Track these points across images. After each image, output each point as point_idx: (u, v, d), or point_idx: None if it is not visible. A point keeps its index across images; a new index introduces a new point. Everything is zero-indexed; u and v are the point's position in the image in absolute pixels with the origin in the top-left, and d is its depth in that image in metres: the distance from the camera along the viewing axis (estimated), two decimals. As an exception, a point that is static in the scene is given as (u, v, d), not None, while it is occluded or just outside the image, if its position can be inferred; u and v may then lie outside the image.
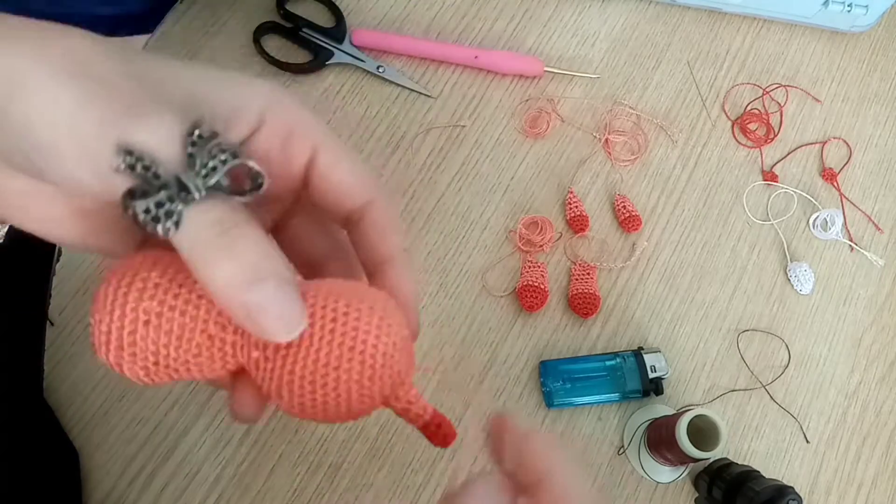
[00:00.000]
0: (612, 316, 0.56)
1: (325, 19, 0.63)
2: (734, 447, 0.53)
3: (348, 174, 0.26)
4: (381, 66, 0.62)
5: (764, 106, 0.64)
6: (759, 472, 0.47)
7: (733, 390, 0.55)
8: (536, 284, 0.55)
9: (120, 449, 0.50)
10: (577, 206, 0.58)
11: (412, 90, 0.62)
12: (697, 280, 0.58)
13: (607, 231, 0.58)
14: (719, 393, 0.54)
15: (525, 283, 0.55)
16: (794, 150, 0.62)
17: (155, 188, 0.20)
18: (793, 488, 0.43)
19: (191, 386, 0.52)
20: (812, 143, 0.63)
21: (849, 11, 0.62)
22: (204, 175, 0.20)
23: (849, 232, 0.60)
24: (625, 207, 0.58)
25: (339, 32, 0.62)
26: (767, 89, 0.64)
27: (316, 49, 0.61)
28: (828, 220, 0.59)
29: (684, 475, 0.52)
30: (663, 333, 0.56)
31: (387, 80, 0.62)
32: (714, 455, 0.44)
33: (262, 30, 0.61)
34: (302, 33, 0.62)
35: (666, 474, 0.52)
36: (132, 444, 0.51)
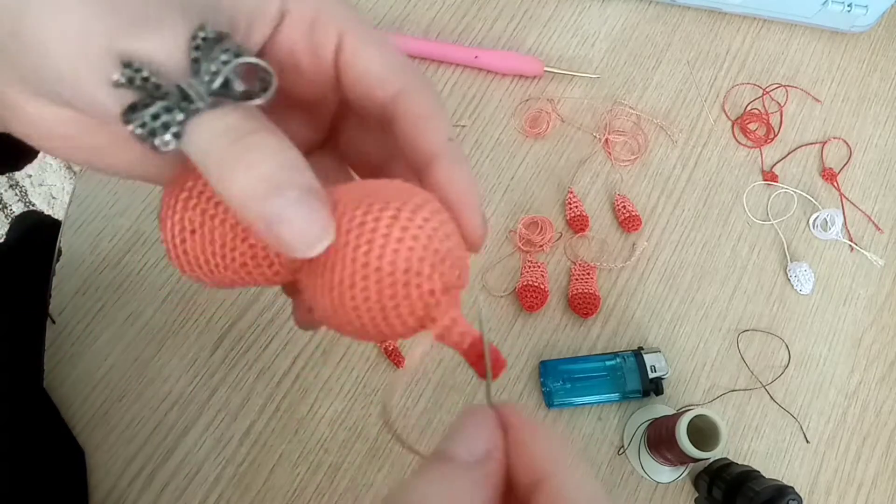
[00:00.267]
0: (612, 316, 0.56)
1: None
2: (734, 447, 0.53)
3: (375, 61, 0.23)
4: (381, 66, 0.62)
5: (764, 106, 0.64)
6: (759, 472, 0.47)
7: (733, 390, 0.55)
8: (536, 284, 0.55)
9: (120, 449, 0.50)
10: (577, 206, 0.58)
11: (412, 90, 0.62)
12: (697, 280, 0.58)
13: (607, 231, 0.58)
14: (719, 393, 0.54)
15: (525, 283, 0.55)
16: (794, 150, 0.62)
17: (155, 100, 0.18)
18: (793, 488, 0.43)
19: (191, 386, 0.52)
20: (812, 143, 0.63)
21: (849, 11, 0.62)
22: (209, 81, 0.19)
23: (849, 232, 0.60)
24: (625, 207, 0.58)
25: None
26: (767, 89, 0.64)
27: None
28: (828, 220, 0.59)
29: (684, 475, 0.52)
30: (663, 333, 0.56)
31: (387, 80, 0.62)
32: (714, 455, 0.44)
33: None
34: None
35: (666, 474, 0.51)
36: (132, 444, 0.51)
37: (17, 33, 0.18)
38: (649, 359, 0.52)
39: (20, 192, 1.43)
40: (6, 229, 1.40)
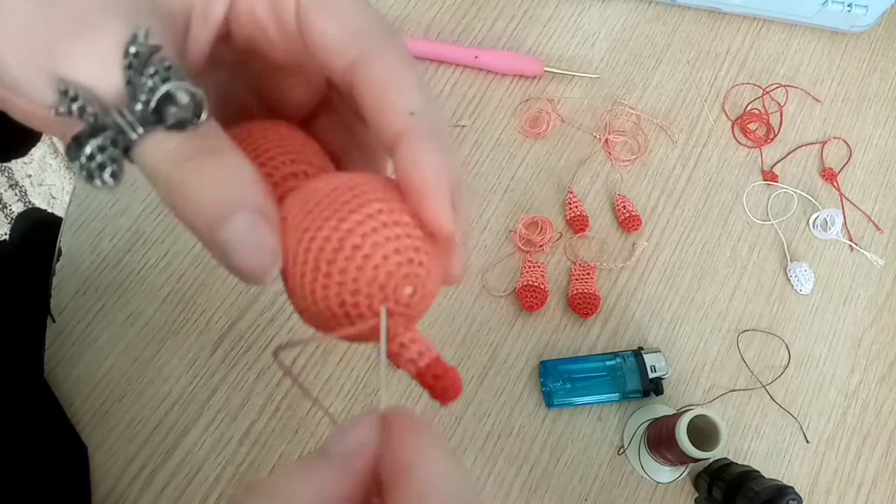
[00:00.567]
0: (612, 316, 0.56)
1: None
2: (734, 447, 0.53)
3: (331, 24, 0.20)
4: (381, 66, 0.62)
5: (764, 106, 0.64)
6: (759, 472, 0.47)
7: (733, 390, 0.55)
8: (536, 284, 0.55)
9: (120, 449, 0.50)
10: (577, 206, 0.58)
11: (412, 90, 0.62)
12: (697, 280, 0.58)
13: (607, 231, 0.58)
14: (719, 393, 0.54)
15: (525, 283, 0.55)
16: (794, 150, 0.62)
17: (96, 131, 0.17)
18: (793, 488, 0.43)
19: (191, 386, 0.52)
20: (812, 143, 0.63)
21: (849, 11, 0.62)
22: (142, 109, 0.17)
23: (849, 232, 0.60)
24: (625, 207, 0.58)
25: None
26: (767, 89, 0.64)
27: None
28: (828, 220, 0.59)
29: (684, 475, 0.52)
30: (663, 333, 0.56)
31: (387, 80, 0.62)
32: (714, 455, 0.44)
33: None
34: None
35: (666, 474, 0.52)
36: (132, 444, 0.51)
37: None
38: (649, 359, 0.52)
39: (20, 191, 1.43)
40: (6, 228, 1.40)
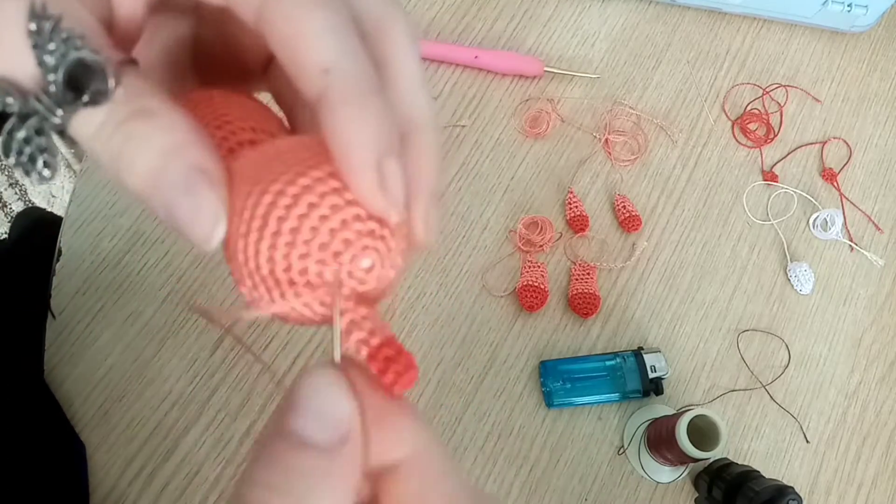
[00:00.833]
0: (612, 316, 0.56)
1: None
2: (734, 447, 0.53)
3: None
4: (381, 66, 0.62)
5: (764, 106, 0.64)
6: (759, 472, 0.47)
7: (733, 390, 0.55)
8: (536, 284, 0.55)
9: (120, 449, 0.50)
10: (577, 206, 0.58)
11: (412, 90, 0.62)
12: (697, 280, 0.58)
13: (607, 231, 0.58)
14: (719, 393, 0.54)
15: (525, 283, 0.55)
16: (794, 150, 0.62)
17: (20, 121, 0.16)
18: (793, 488, 0.43)
19: (191, 386, 0.52)
20: (812, 143, 0.63)
21: (849, 11, 0.62)
22: (55, 90, 0.16)
23: (849, 232, 0.60)
24: (625, 207, 0.58)
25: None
26: (767, 89, 0.64)
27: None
28: (828, 220, 0.59)
29: (684, 475, 0.52)
30: (663, 333, 0.56)
31: (387, 79, 0.62)
32: (714, 455, 0.44)
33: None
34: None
35: (666, 474, 0.52)
36: (132, 444, 0.51)
37: None
38: (649, 359, 0.52)
39: (20, 190, 1.43)
40: (6, 227, 1.40)
